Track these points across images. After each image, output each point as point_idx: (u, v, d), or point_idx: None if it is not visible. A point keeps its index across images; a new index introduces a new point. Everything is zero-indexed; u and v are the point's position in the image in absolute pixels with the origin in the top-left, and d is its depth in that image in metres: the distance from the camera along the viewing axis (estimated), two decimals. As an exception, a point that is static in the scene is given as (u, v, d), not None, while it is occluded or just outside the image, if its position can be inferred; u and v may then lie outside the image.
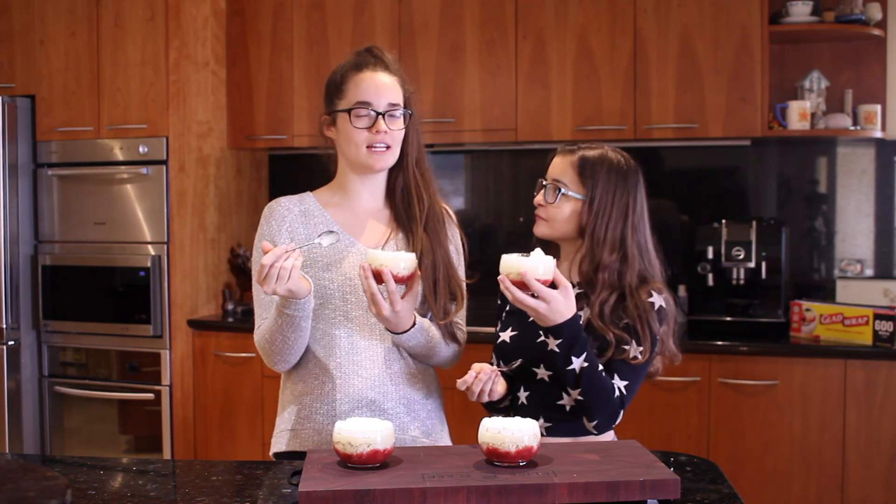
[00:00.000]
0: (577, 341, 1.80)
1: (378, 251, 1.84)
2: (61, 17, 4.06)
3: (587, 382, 1.82)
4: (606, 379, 1.85)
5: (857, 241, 3.84)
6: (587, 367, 1.81)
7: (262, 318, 1.97)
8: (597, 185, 1.95)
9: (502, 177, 4.27)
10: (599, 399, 1.84)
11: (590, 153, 1.98)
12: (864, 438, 3.27)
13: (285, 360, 1.95)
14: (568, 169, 1.96)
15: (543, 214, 1.98)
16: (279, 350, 1.92)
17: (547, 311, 1.76)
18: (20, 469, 1.59)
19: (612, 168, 1.97)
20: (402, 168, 2.02)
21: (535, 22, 3.81)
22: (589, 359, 1.81)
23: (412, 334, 1.92)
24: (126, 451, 4.11)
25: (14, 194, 4.06)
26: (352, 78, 1.97)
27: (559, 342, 1.79)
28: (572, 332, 1.79)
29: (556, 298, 1.75)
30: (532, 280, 1.73)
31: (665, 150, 4.01)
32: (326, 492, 1.45)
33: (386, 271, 1.79)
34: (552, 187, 1.96)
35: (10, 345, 4.04)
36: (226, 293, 4.24)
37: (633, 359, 1.86)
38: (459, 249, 2.09)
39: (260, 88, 4.19)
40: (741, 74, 3.58)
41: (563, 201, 1.95)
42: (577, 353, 1.80)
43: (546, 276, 1.75)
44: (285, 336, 1.89)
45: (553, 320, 1.77)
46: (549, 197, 1.96)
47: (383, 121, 1.93)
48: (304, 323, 1.88)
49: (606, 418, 1.86)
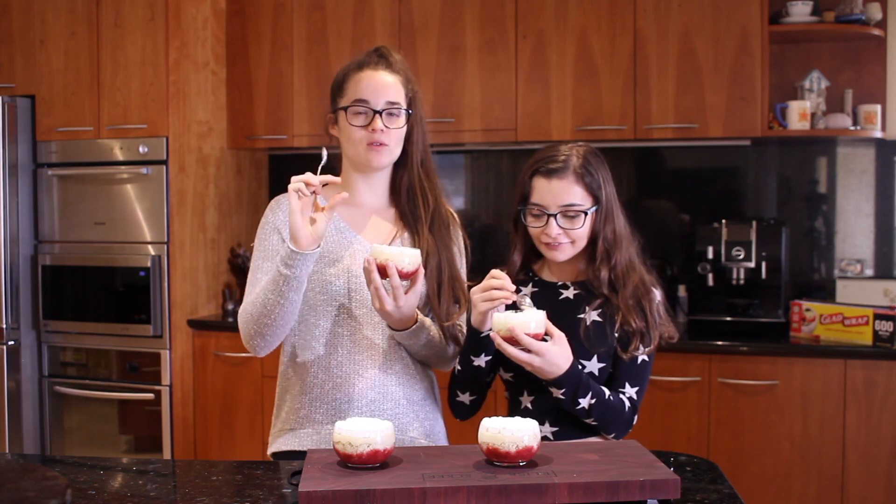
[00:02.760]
0: (580, 386, 1.81)
1: (384, 246, 1.84)
2: (61, 17, 4.06)
3: (598, 412, 1.85)
4: (615, 401, 1.87)
5: (857, 241, 3.84)
6: (595, 401, 1.84)
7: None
8: (602, 188, 1.92)
9: (502, 177, 4.27)
10: (612, 418, 1.87)
11: (580, 161, 1.91)
12: (864, 438, 3.27)
13: (263, 335, 1.89)
14: (575, 188, 1.89)
15: (566, 240, 1.90)
16: (262, 320, 1.87)
17: (542, 363, 1.77)
18: (20, 469, 1.59)
19: (598, 162, 1.95)
20: (407, 167, 2.02)
21: (535, 22, 3.81)
22: (596, 393, 1.83)
23: (414, 332, 1.92)
24: (126, 451, 4.11)
25: (14, 194, 4.06)
26: (352, 77, 1.98)
27: (563, 391, 1.81)
28: (573, 380, 1.80)
29: (549, 350, 1.76)
30: (522, 336, 1.73)
31: (665, 150, 4.01)
32: (326, 492, 1.45)
33: (391, 265, 1.80)
34: (569, 213, 1.89)
35: (10, 345, 4.04)
36: (226, 293, 4.24)
37: (648, 349, 1.90)
38: (463, 252, 2.10)
39: (260, 88, 4.19)
40: (741, 74, 3.58)
41: (585, 222, 1.90)
42: (583, 394, 1.82)
43: (538, 329, 1.75)
44: (268, 299, 1.84)
45: (551, 373, 1.78)
46: (573, 223, 1.89)
47: (380, 119, 1.93)
48: (293, 290, 1.83)
49: (622, 429, 1.90)
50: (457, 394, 1.98)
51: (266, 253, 1.98)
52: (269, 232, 2.00)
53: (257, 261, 1.99)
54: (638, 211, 4.04)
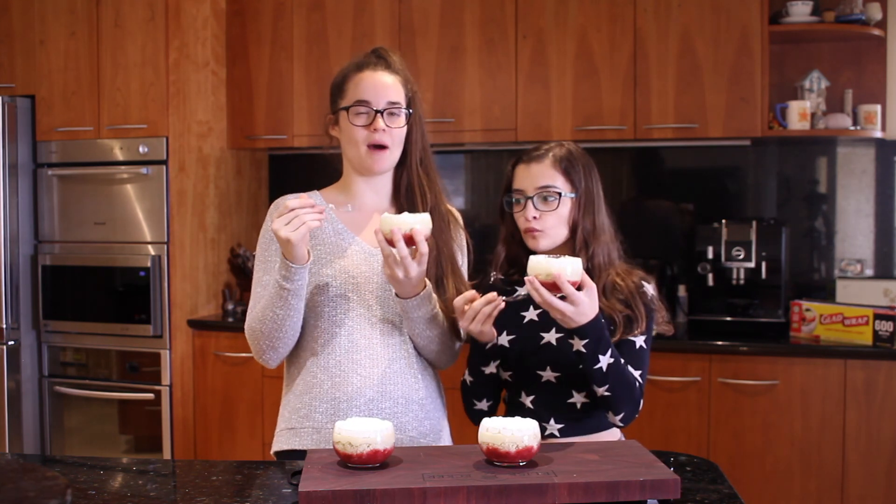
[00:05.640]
0: (602, 339, 1.79)
1: (402, 216, 1.83)
2: (61, 17, 4.06)
3: (614, 377, 1.82)
4: (629, 371, 1.86)
5: (857, 241, 3.84)
6: (613, 362, 1.81)
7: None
8: (582, 179, 1.95)
9: (502, 177, 4.22)
10: (625, 391, 1.84)
11: (562, 151, 1.96)
12: (864, 438, 3.27)
13: (273, 348, 1.94)
14: (552, 172, 1.93)
15: (540, 226, 1.92)
16: (268, 333, 1.91)
17: (574, 313, 1.74)
18: (20, 469, 1.59)
19: (584, 158, 1.99)
20: (406, 166, 2.04)
21: (535, 22, 3.81)
22: (614, 354, 1.82)
23: (425, 297, 1.92)
24: (126, 451, 4.11)
25: (14, 194, 4.06)
26: (352, 77, 1.99)
27: (585, 342, 1.78)
28: (597, 331, 1.78)
29: (583, 301, 1.74)
30: (565, 282, 1.71)
31: (665, 150, 4.01)
32: (326, 492, 1.45)
33: (417, 231, 1.80)
34: (544, 193, 1.92)
35: (10, 345, 4.04)
36: (226, 293, 4.24)
37: (639, 334, 1.90)
38: (464, 250, 2.11)
39: (260, 88, 4.19)
40: (741, 74, 3.58)
41: (561, 205, 1.93)
42: (603, 350, 1.80)
43: (574, 277, 1.73)
44: (276, 314, 1.88)
45: (578, 322, 1.76)
46: (549, 205, 1.92)
47: (381, 119, 1.94)
48: (295, 300, 1.87)
49: (632, 408, 1.87)
50: (474, 403, 1.99)
51: (266, 265, 2.00)
52: (268, 241, 2.01)
53: (258, 273, 2.02)
54: (638, 211, 4.04)
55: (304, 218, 1.79)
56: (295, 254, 1.82)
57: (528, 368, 1.93)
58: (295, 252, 1.82)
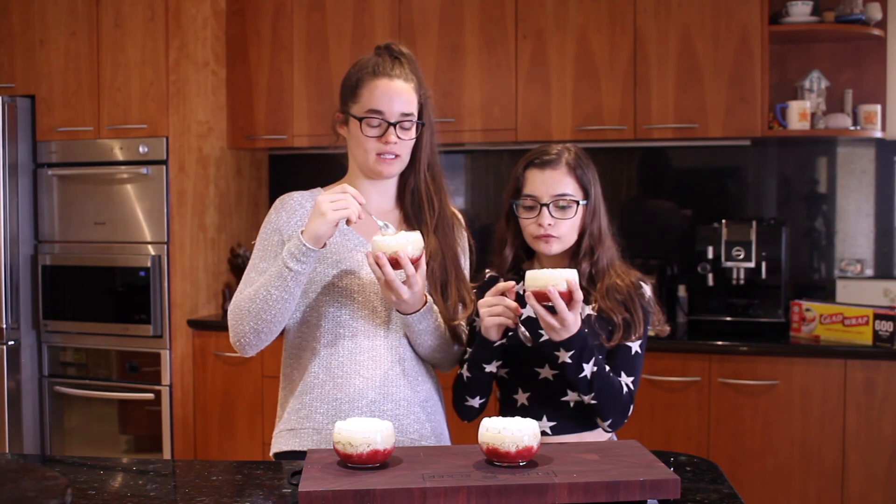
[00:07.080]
0: (586, 348, 1.83)
1: (387, 237, 1.82)
2: (61, 17, 4.06)
3: (598, 385, 1.85)
4: (614, 377, 1.89)
5: (857, 241, 3.85)
6: (596, 370, 1.84)
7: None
8: (591, 185, 1.97)
9: (502, 177, 4.26)
10: (611, 398, 1.87)
11: (573, 157, 1.97)
12: (864, 438, 3.27)
13: (256, 331, 1.89)
14: (567, 179, 1.95)
15: (556, 233, 1.94)
16: (256, 313, 1.87)
17: (562, 329, 1.79)
18: (20, 469, 1.59)
19: (589, 163, 2.00)
20: (414, 171, 2.02)
21: (535, 22, 3.81)
22: (597, 362, 1.85)
23: (425, 312, 1.92)
24: (126, 451, 4.11)
25: (14, 194, 4.06)
26: (367, 83, 1.95)
27: (571, 353, 1.82)
28: (581, 342, 1.82)
29: (570, 317, 1.77)
30: (558, 299, 1.75)
31: (665, 149, 4.01)
32: (326, 492, 1.45)
33: (402, 255, 1.80)
34: (561, 202, 1.93)
35: (10, 345, 4.04)
36: (226, 293, 4.24)
37: (639, 337, 1.92)
38: (467, 252, 2.11)
39: (260, 88, 4.19)
40: (741, 74, 3.58)
41: (576, 213, 1.95)
42: (587, 359, 1.83)
43: (566, 288, 1.77)
44: (270, 293, 1.84)
45: (564, 336, 1.80)
46: (565, 213, 1.93)
47: (394, 131, 1.93)
48: (294, 285, 1.84)
49: (619, 415, 1.90)
50: (466, 399, 1.99)
51: (265, 253, 1.98)
52: (270, 232, 2.00)
53: (255, 260, 1.99)
54: (638, 211, 4.04)
55: (350, 205, 1.79)
56: (318, 231, 1.80)
57: (526, 365, 1.95)
58: (319, 230, 1.80)
